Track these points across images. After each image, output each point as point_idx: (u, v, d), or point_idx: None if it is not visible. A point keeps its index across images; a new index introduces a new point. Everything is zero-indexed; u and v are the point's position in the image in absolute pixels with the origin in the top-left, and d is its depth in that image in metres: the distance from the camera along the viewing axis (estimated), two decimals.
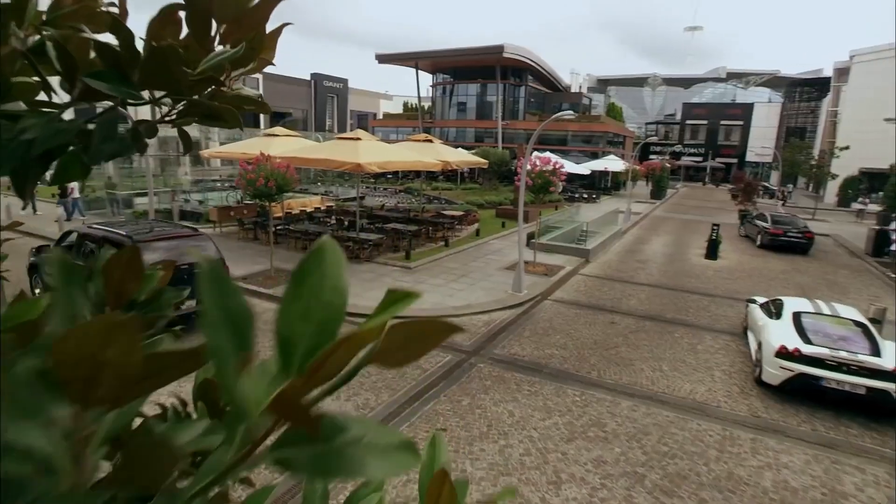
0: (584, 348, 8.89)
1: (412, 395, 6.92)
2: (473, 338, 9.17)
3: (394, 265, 13.82)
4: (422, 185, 27.67)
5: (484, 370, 7.84)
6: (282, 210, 19.94)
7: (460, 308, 10.59)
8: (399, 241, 15.61)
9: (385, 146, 14.82)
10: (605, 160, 38.09)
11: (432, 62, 47.64)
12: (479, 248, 16.65)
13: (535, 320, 10.28)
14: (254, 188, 11.19)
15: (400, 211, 20.94)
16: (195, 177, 27.34)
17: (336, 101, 76.69)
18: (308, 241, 15.43)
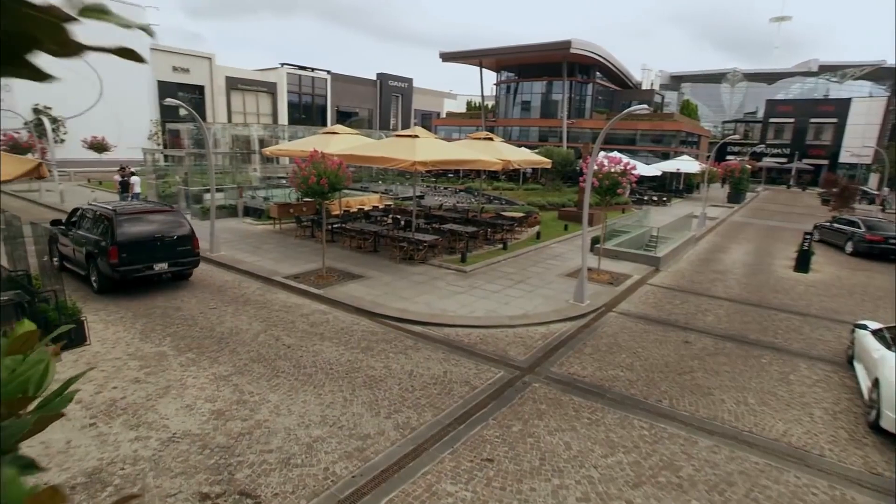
0: (653, 371, 7.93)
1: (458, 417, 6.33)
2: (529, 352, 8.44)
3: (448, 268, 13.31)
4: (482, 185, 27.03)
5: (539, 391, 7.11)
6: (339, 208, 20.01)
7: (516, 318, 9.88)
8: (455, 243, 15.08)
9: (443, 144, 14.33)
10: (677, 161, 35.70)
11: (496, 60, 46.79)
12: (538, 252, 15.80)
13: (598, 335, 9.39)
14: (306, 186, 11.04)
15: (458, 211, 20.42)
16: (265, 174, 28.24)
17: (400, 101, 77.66)
18: (363, 240, 15.25)
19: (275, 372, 7.33)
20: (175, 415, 6.10)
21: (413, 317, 9.72)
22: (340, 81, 69.73)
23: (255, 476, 5.03)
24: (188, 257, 11.26)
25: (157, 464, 5.18)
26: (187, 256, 11.23)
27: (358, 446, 5.59)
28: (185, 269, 11.55)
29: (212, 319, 9.36)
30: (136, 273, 10.51)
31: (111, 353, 7.78)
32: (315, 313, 9.93)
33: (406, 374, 7.40)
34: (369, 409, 6.38)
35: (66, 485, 4.85)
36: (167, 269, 10.91)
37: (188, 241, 11.20)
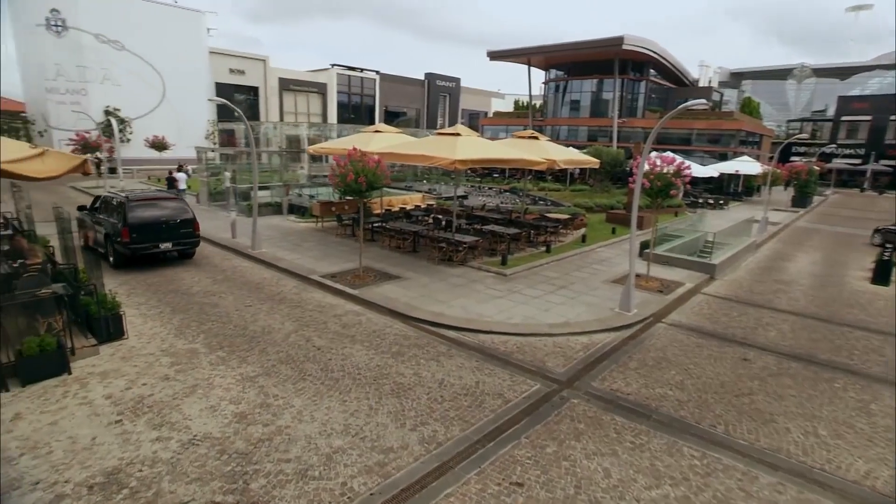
0: (706, 391, 7.20)
1: (488, 433, 5.89)
2: (568, 363, 7.88)
3: (488, 271, 12.86)
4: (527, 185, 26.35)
5: (578, 408, 6.56)
6: (380, 207, 19.94)
7: (556, 326, 9.32)
8: (497, 245, 14.60)
9: (485, 142, 13.89)
10: (736, 162, 33.62)
11: (545, 58, 45.77)
12: (584, 257, 15.07)
13: (645, 348, 8.69)
14: (344, 184, 10.88)
15: (501, 212, 19.91)
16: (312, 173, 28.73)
17: (448, 100, 77.66)
18: (402, 239, 15.03)
19: (302, 375, 7.14)
20: (198, 415, 5.99)
21: (448, 321, 9.35)
22: (389, 82, 70.47)
23: (269, 487, 4.80)
24: (190, 238, 12.99)
25: (175, 467, 5.05)
26: (189, 238, 12.96)
27: (379, 460, 5.27)
28: (188, 249, 13.30)
29: (246, 317, 9.34)
30: (144, 250, 12.22)
31: (146, 348, 7.84)
32: (348, 314, 9.74)
33: (436, 383, 7.03)
34: (394, 420, 6.05)
35: (85, 484, 4.79)
36: (171, 248, 12.73)
37: (190, 225, 12.91)
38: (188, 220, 12.87)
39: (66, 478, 4.88)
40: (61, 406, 6.14)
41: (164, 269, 12.52)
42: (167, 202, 13.21)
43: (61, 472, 4.97)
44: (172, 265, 12.90)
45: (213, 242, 15.79)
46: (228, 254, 14.60)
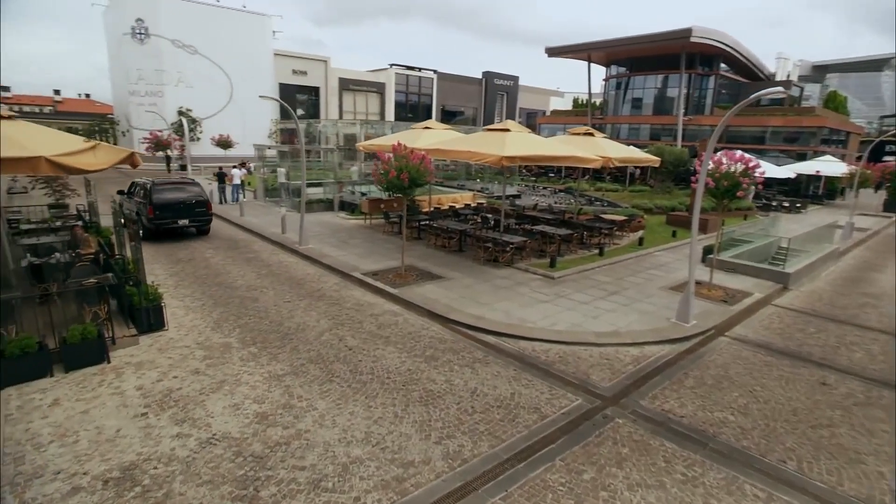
0: (775, 418, 6.31)
1: (519, 451, 5.38)
2: (615, 378, 7.19)
3: (535, 273, 12.24)
4: (582, 185, 25.29)
5: (622, 429, 5.90)
6: (429, 205, 19.69)
7: (604, 335, 8.60)
8: (546, 246, 13.92)
9: (535, 138, 13.25)
10: (817, 161, 30.75)
11: (607, 53, 44.01)
12: (639, 261, 14.09)
13: (704, 364, 7.82)
14: (386, 180, 10.64)
15: (553, 212, 19.13)
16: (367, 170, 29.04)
17: (505, 99, 76.74)
18: (447, 238, 14.67)
19: (330, 375, 6.91)
20: (221, 413, 5.87)
21: (487, 326, 8.87)
22: (446, 81, 70.52)
23: (279, 497, 4.54)
24: (204, 216, 15.66)
25: (189, 467, 4.91)
26: (203, 216, 15.63)
27: (398, 475, 4.89)
28: (203, 225, 15.90)
29: (283, 313, 9.28)
30: (165, 225, 14.87)
31: (183, 340, 7.91)
32: (385, 314, 9.47)
33: (468, 392, 6.59)
34: (419, 431, 5.67)
35: (101, 478, 4.72)
36: (188, 224, 15.37)
37: (204, 205, 15.61)
38: (203, 202, 15.59)
39: (85, 469, 4.85)
40: (95, 395, 6.21)
41: (213, 261, 12.82)
42: (186, 186, 15.77)
43: (82, 463, 4.95)
44: (221, 259, 13.20)
45: (264, 237, 16.11)
46: (277, 249, 14.80)
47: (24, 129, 7.79)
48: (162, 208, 14.73)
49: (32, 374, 6.58)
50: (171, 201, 14.98)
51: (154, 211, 14.55)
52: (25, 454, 5.09)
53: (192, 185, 16.03)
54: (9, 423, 5.64)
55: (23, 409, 5.89)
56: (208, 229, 16.15)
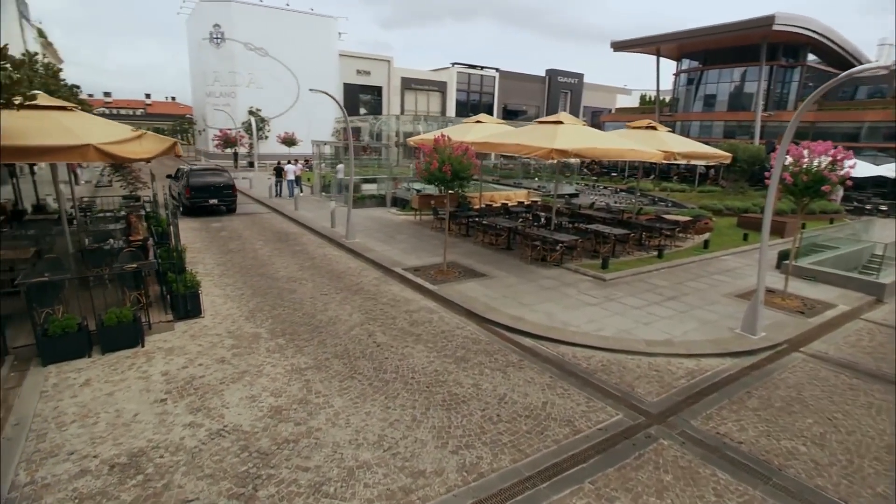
0: (862, 455, 5.31)
1: (544, 469, 4.81)
2: (664, 392, 6.41)
3: (585, 274, 11.46)
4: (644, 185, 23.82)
5: (667, 452, 5.17)
6: (480, 202, 19.20)
7: (655, 344, 7.77)
8: (600, 246, 13.06)
9: (590, 131, 12.42)
10: None
11: (678, 45, 41.45)
12: (703, 265, 12.89)
13: (773, 382, 6.83)
14: (428, 172, 10.29)
15: (611, 211, 18.06)
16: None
17: (569, 97, 74.68)
18: (495, 236, 14.14)
19: (352, 372, 6.63)
20: (236, 404, 5.72)
21: (526, 327, 8.28)
22: (508, 79, 69.59)
23: (277, 499, 4.26)
24: (230, 197, 19.00)
25: (194, 458, 4.75)
26: (229, 197, 18.99)
27: (405, 485, 4.48)
28: (230, 205, 19.15)
29: (317, 306, 9.16)
30: (199, 203, 18.22)
31: (216, 328, 7.93)
32: (421, 311, 9.11)
33: (496, 399, 6.07)
34: (436, 437, 5.23)
35: (109, 462, 4.66)
36: (217, 203, 18.67)
37: (230, 188, 19.02)
38: (229, 185, 19.04)
39: (96, 453, 4.82)
40: (123, 377, 6.28)
41: (261, 253, 13.04)
42: (217, 172, 19.37)
43: (96, 445, 4.93)
44: (268, 251, 13.41)
45: (313, 231, 16.29)
46: (324, 242, 14.88)
47: (79, 120, 8.10)
48: (197, 189, 18.23)
49: (72, 354, 6.78)
50: (205, 184, 18.49)
51: (190, 192, 18.06)
52: (48, 432, 5.15)
53: (222, 171, 19.52)
54: (42, 399, 5.78)
55: (57, 388, 6.03)
56: (235, 208, 19.56)
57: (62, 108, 8.28)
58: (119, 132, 8.07)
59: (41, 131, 7.46)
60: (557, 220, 15.22)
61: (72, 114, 8.22)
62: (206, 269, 11.31)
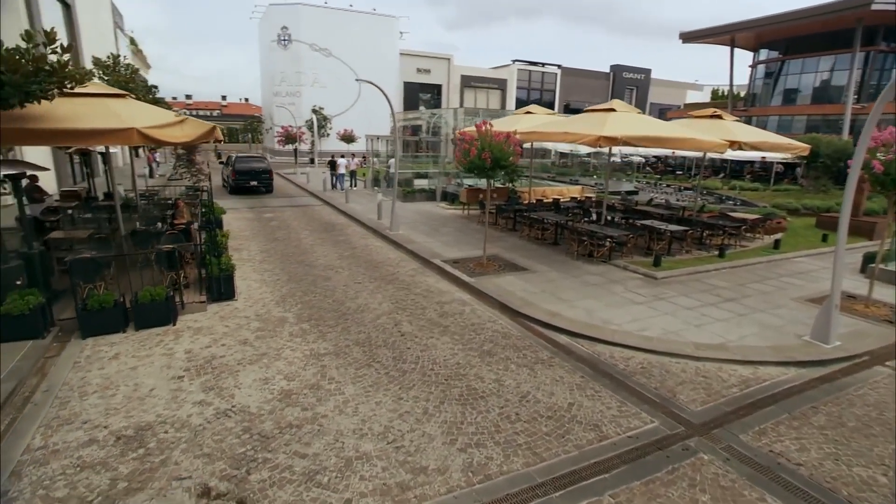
0: None
1: (559, 476, 4.32)
2: (711, 401, 5.69)
3: (635, 271, 10.66)
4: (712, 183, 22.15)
5: (707, 468, 4.52)
6: (530, 197, 18.57)
7: (706, 347, 6.98)
8: (654, 243, 12.15)
9: (644, 118, 11.56)
10: None
11: (755, 34, 38.42)
12: (772, 266, 11.65)
13: (847, 399, 5.90)
14: (467, 160, 9.91)
15: (670, 207, 16.87)
16: None
17: (635, 94, 71.62)
18: (542, 230, 13.54)
19: (370, 360, 6.39)
20: (248, 385, 5.63)
21: (563, 324, 7.73)
22: (571, 76, 67.79)
23: (268, 484, 4.07)
24: (267, 180, 23.68)
25: (196, 436, 4.67)
26: (267, 179, 23.66)
27: (403, 482, 4.16)
28: (267, 187, 23.82)
29: (348, 293, 9.04)
30: (242, 184, 23.04)
31: (245, 311, 7.98)
32: (453, 303, 8.77)
33: (517, 396, 5.62)
34: (446, 433, 4.87)
35: (116, 434, 4.67)
36: (257, 184, 23.40)
37: (267, 173, 23.68)
38: (267, 170, 23.74)
39: (107, 423, 4.86)
40: (149, 353, 6.38)
41: (304, 242, 13.19)
42: (258, 160, 24.66)
43: (109, 416, 4.98)
44: (312, 240, 13.55)
45: (360, 222, 16.37)
46: (368, 233, 14.89)
47: (128, 106, 8.40)
48: (241, 173, 23.13)
49: (109, 328, 7.01)
50: (247, 169, 23.29)
51: (236, 175, 23.06)
52: (70, 400, 5.27)
53: (262, 159, 24.96)
54: (74, 369, 5.97)
55: (89, 359, 6.22)
56: (272, 189, 24.20)
57: (115, 95, 8.65)
58: (162, 117, 8.29)
59: (91, 116, 7.75)
60: (610, 215, 14.37)
61: (123, 100, 8.54)
62: (248, 255, 11.56)
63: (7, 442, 4.56)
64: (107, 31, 33.66)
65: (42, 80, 6.75)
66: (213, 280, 8.28)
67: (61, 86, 7.31)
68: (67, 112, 7.63)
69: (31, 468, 4.22)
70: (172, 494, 3.93)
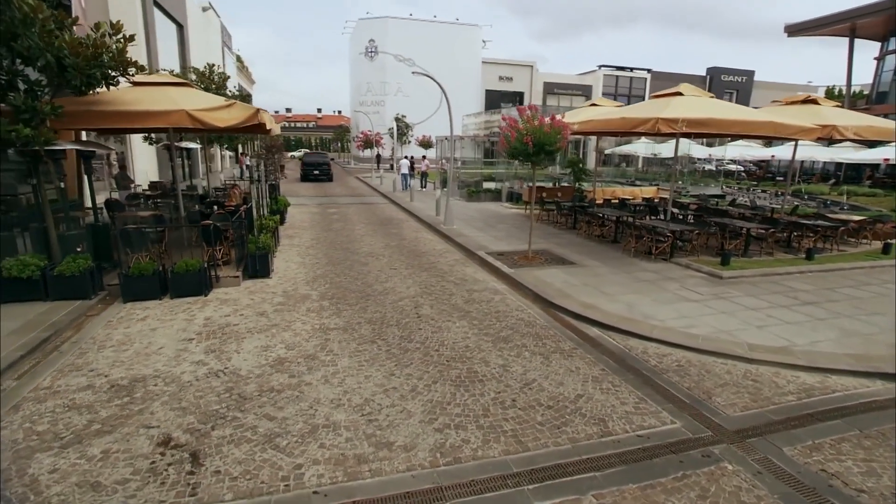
0: None
1: (539, 468, 3.77)
2: (756, 406, 4.76)
3: (698, 270, 9.54)
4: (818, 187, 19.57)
5: (729, 479, 3.72)
6: (594, 195, 17.51)
7: (762, 349, 5.93)
8: (727, 242, 10.82)
9: (715, 102, 10.36)
10: None
11: (884, 19, 33.71)
12: (875, 272, 9.87)
13: None
14: (509, 144, 9.46)
15: (754, 208, 15.07)
16: None
17: (735, 97, 66.12)
18: (600, 226, 12.64)
19: (376, 337, 6.16)
20: (248, 351, 5.63)
21: (596, 316, 7.00)
22: (661, 80, 63.94)
23: (226, 441, 3.94)
24: (327, 171, 32.70)
25: (180, 391, 4.69)
26: (326, 171, 32.69)
27: (363, 454, 3.84)
28: (328, 176, 32.55)
29: (380, 277, 8.92)
30: (308, 174, 32.30)
31: (274, 287, 8.11)
32: (485, 291, 8.33)
33: (520, 383, 5.08)
34: (428, 411, 4.48)
35: (112, 382, 4.82)
36: (318, 174, 32.18)
37: (327, 164, 33.11)
38: (326, 163, 33.05)
39: (109, 373, 5.04)
40: (172, 318, 6.64)
41: (357, 232, 13.37)
42: (321, 155, 35.91)
43: (113, 367, 5.17)
44: (365, 231, 13.72)
45: (418, 218, 16.37)
46: (422, 227, 14.82)
47: (186, 93, 8.95)
48: (307, 164, 32.82)
49: (147, 295, 7.42)
50: (312, 162, 32.92)
51: (304, 166, 33.01)
52: (89, 352, 5.57)
53: (324, 155, 35.97)
54: (104, 326, 6.34)
55: (121, 320, 6.59)
56: (331, 177, 32.89)
57: (177, 84, 9.27)
58: (212, 101, 8.74)
59: (150, 101, 8.32)
60: (682, 213, 13.10)
61: (183, 88, 9.12)
62: (300, 241, 11.90)
63: (22, 381, 4.87)
64: (215, 49, 37.37)
65: (101, 64, 7.35)
66: (250, 257, 8.53)
67: (124, 71, 7.92)
68: (131, 98, 8.27)
69: (30, 404, 4.44)
70: (135, 440, 3.93)
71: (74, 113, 7.54)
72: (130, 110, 7.91)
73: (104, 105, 7.93)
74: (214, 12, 37.98)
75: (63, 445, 3.85)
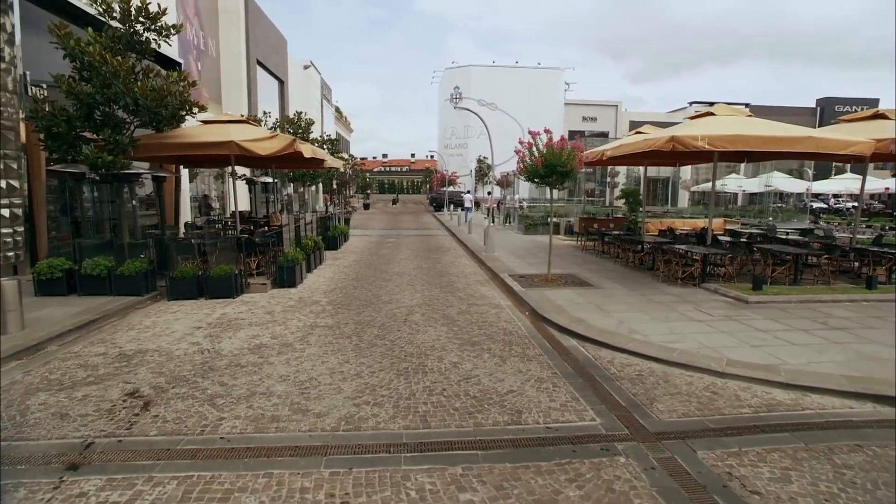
0: None
1: (429, 443, 3.98)
2: (698, 414, 4.52)
3: (725, 294, 8.96)
4: None
5: (612, 469, 3.63)
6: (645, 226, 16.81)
7: (740, 364, 5.51)
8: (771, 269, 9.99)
9: (748, 120, 9.87)
10: None
11: None
12: None
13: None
14: (523, 165, 9.79)
15: (827, 237, 13.60)
16: None
17: None
18: (635, 252, 12.26)
19: (353, 334, 6.69)
20: (239, 338, 6.42)
21: (580, 329, 6.95)
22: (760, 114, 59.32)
23: (177, 396, 4.64)
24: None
25: (167, 361, 5.54)
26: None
27: (278, 415, 4.32)
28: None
29: (394, 291, 9.48)
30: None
31: (295, 296, 8.99)
32: (485, 306, 8.56)
33: (460, 377, 5.28)
34: (358, 390, 4.87)
35: (121, 352, 5.80)
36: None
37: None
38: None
39: (122, 345, 6.07)
40: (196, 312, 7.70)
41: (398, 257, 14.15)
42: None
43: (128, 342, 6.20)
44: (407, 256, 14.46)
45: (465, 247, 16.88)
46: (464, 254, 15.29)
47: (240, 128, 10.49)
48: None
49: (188, 295, 8.64)
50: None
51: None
52: (118, 331, 6.71)
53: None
54: (141, 315, 7.54)
55: (158, 311, 7.80)
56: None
57: (236, 121, 10.87)
58: (258, 133, 10.15)
59: (210, 134, 9.91)
60: (731, 240, 12.30)
61: (240, 125, 10.68)
62: (342, 262, 12.94)
63: (62, 347, 6.03)
64: (314, 101, 41.98)
65: (167, 104, 8.97)
66: (278, 268, 9.56)
67: (189, 111, 9.57)
68: (196, 132, 9.93)
69: (57, 361, 5.53)
70: (111, 390, 4.76)
71: (149, 145, 9.22)
72: (191, 141, 9.48)
73: (173, 138, 9.58)
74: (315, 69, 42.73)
75: (59, 389, 4.78)
